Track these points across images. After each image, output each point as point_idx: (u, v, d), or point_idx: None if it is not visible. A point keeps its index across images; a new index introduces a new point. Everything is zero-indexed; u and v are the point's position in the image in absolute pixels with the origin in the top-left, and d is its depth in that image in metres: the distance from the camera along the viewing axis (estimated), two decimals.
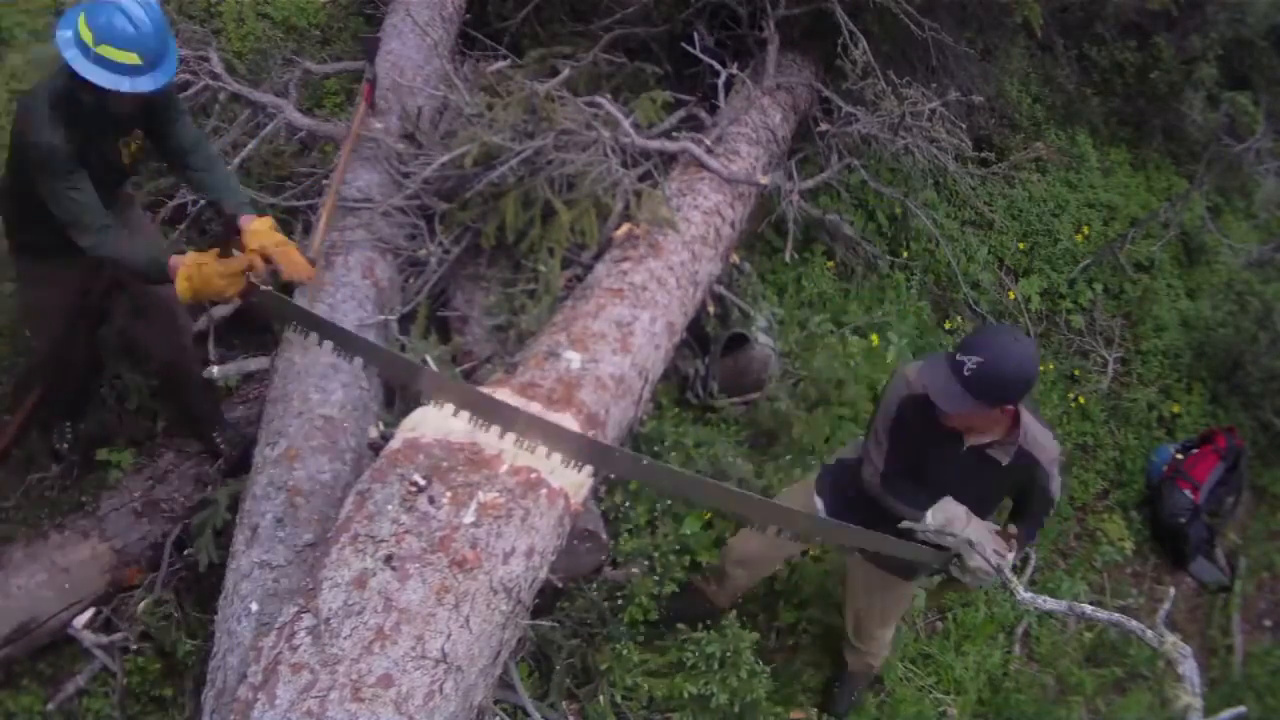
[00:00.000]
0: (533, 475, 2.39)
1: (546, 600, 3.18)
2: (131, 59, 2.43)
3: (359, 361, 2.78)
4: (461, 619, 2.13)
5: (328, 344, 2.71)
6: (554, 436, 2.47)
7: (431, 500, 2.27)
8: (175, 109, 2.79)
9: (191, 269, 2.53)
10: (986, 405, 2.46)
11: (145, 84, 2.47)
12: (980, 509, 2.70)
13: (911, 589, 3.25)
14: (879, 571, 3.06)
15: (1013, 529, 2.72)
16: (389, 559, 2.15)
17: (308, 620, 2.07)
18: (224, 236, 2.59)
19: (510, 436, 2.44)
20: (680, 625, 3.23)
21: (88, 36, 2.41)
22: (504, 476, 2.37)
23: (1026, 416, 2.59)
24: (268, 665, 2.02)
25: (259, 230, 2.66)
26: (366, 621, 2.05)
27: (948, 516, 2.65)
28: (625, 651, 3.14)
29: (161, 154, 2.87)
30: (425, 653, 2.05)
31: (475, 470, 2.36)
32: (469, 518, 2.25)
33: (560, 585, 3.02)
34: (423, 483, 2.30)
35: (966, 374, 2.39)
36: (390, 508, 2.26)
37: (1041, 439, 2.63)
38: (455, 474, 2.34)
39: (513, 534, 2.29)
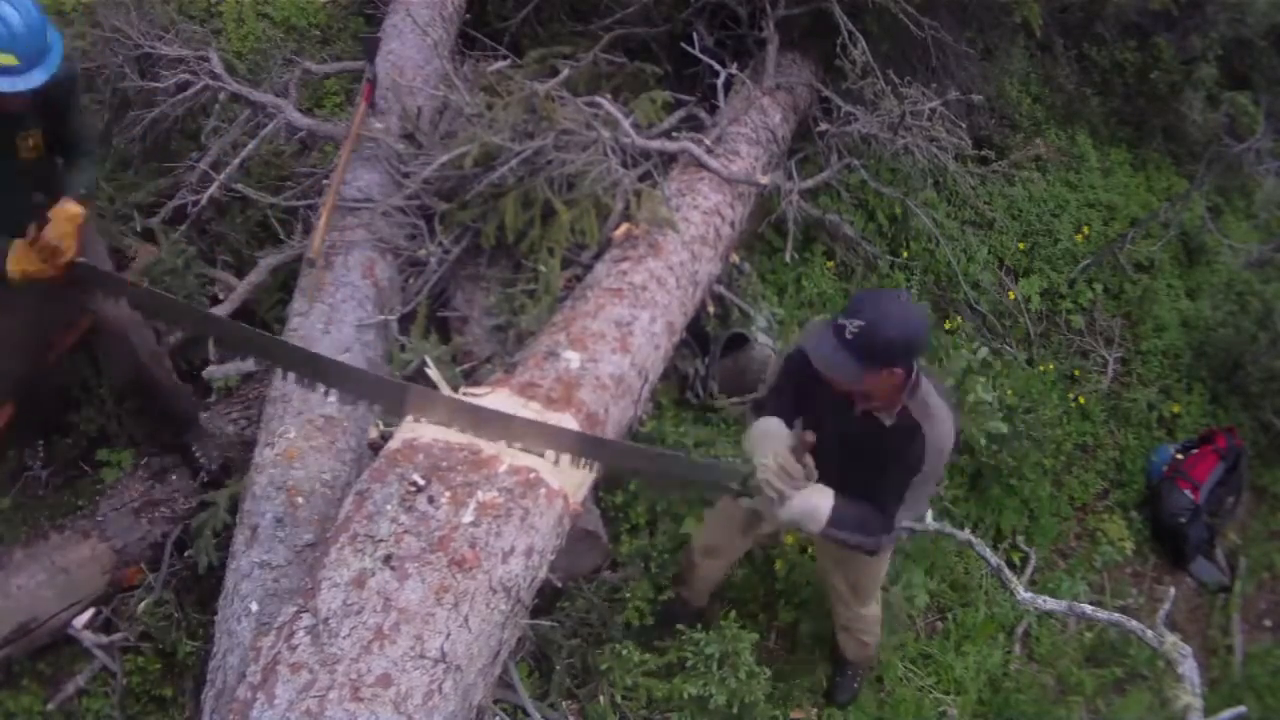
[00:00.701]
0: (531, 475, 2.39)
1: (546, 600, 3.19)
2: (9, 60, 2.48)
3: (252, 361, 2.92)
4: (460, 618, 2.13)
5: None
6: (550, 438, 2.47)
7: (430, 500, 2.27)
8: (72, 104, 2.84)
9: (14, 253, 2.68)
10: (868, 368, 2.37)
11: (23, 83, 2.52)
12: (866, 476, 2.54)
13: (878, 561, 3.12)
14: (833, 545, 2.90)
15: (810, 436, 2.50)
16: (388, 559, 2.16)
17: (307, 620, 2.07)
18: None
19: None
20: (679, 626, 3.23)
21: None
22: (503, 476, 2.37)
23: (926, 385, 2.50)
24: (267, 665, 2.02)
25: (61, 215, 2.72)
26: (365, 621, 2.05)
27: (762, 430, 2.55)
28: (625, 651, 3.14)
29: (58, 149, 2.90)
30: (424, 652, 2.05)
31: (474, 470, 2.36)
32: (468, 517, 2.26)
33: (560, 585, 3.02)
34: (422, 482, 2.30)
35: (848, 337, 2.33)
36: (389, 507, 2.26)
37: (934, 415, 2.49)
38: (454, 474, 2.34)
39: (512, 533, 2.29)
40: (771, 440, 2.52)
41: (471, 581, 2.17)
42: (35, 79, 2.53)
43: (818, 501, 2.50)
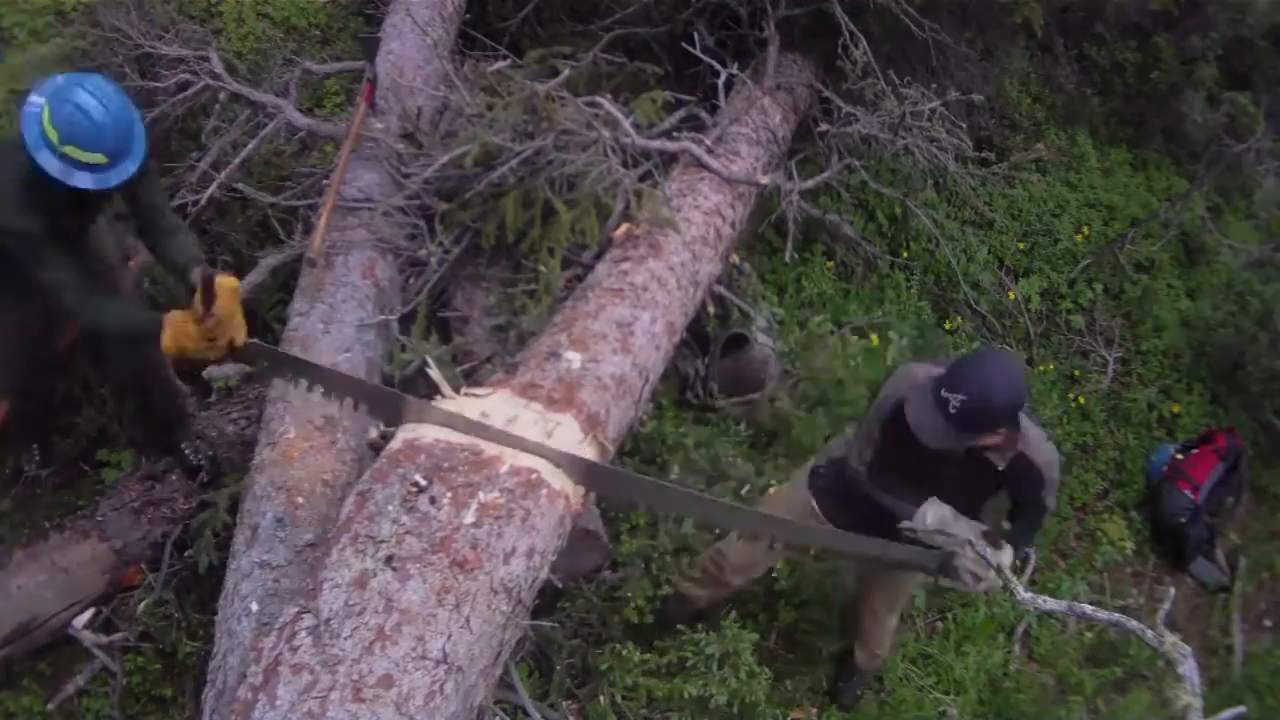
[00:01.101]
0: (533, 476, 2.39)
1: (546, 600, 3.18)
2: (98, 159, 2.42)
3: (349, 403, 2.70)
4: (462, 619, 2.13)
5: (318, 387, 2.66)
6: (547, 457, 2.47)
7: (432, 501, 2.27)
8: (148, 178, 2.74)
9: (177, 328, 2.49)
10: (976, 435, 2.46)
11: (112, 179, 2.47)
12: (971, 512, 2.68)
13: (909, 580, 3.25)
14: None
15: (1006, 527, 2.71)
16: (389, 559, 2.15)
17: (308, 621, 2.07)
18: (193, 298, 2.49)
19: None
20: (680, 626, 3.23)
21: (53, 136, 2.38)
22: (504, 477, 2.36)
23: (1026, 422, 2.57)
24: (268, 666, 2.02)
25: (226, 288, 2.53)
26: (367, 622, 2.05)
27: (940, 516, 2.64)
28: (625, 651, 3.14)
29: (132, 214, 2.84)
30: (426, 653, 2.04)
31: (476, 471, 2.36)
32: (469, 518, 2.25)
33: (560, 585, 3.02)
34: (423, 483, 2.30)
35: (952, 411, 2.38)
36: (391, 508, 2.25)
37: (1040, 445, 2.60)
38: (456, 474, 2.34)
39: (513, 534, 2.29)
40: (962, 529, 2.64)
41: (473, 582, 2.17)
42: (122, 175, 2.48)
43: (1004, 563, 2.66)
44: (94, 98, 2.39)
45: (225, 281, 2.50)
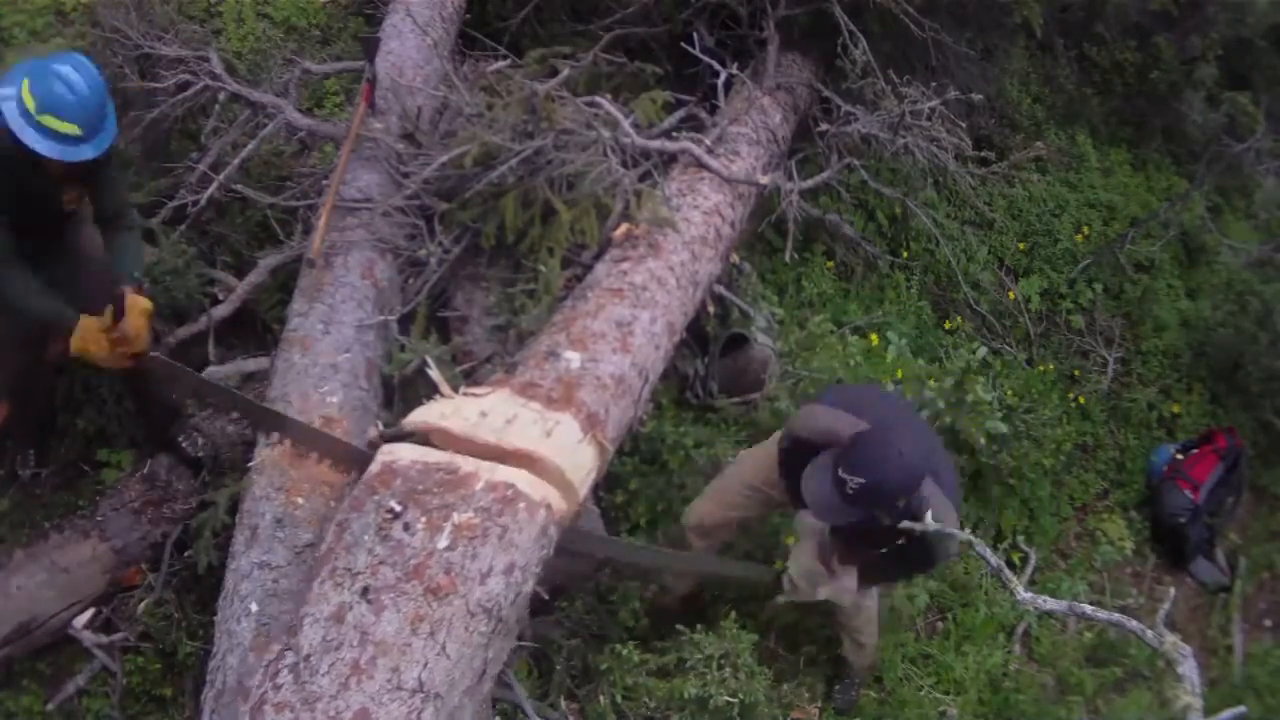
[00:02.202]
0: (509, 491, 2.38)
1: (547, 601, 3.18)
2: (72, 129, 2.49)
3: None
4: (438, 646, 2.12)
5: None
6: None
7: (406, 527, 2.27)
8: (111, 170, 2.83)
9: (86, 331, 2.65)
10: (870, 513, 2.54)
11: (84, 153, 2.54)
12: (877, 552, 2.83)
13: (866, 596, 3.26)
14: None
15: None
16: (365, 591, 2.16)
17: (290, 658, 2.08)
18: (110, 303, 2.66)
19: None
20: (680, 626, 3.23)
21: (30, 103, 2.46)
22: (480, 494, 2.35)
23: (929, 487, 2.58)
24: (254, 705, 2.03)
25: (136, 308, 2.70)
26: (344, 657, 2.06)
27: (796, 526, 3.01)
28: (625, 651, 3.14)
29: (95, 206, 2.91)
30: (401, 684, 2.05)
31: (451, 491, 2.34)
32: (443, 542, 2.25)
33: (562, 585, 3.03)
34: (398, 509, 2.29)
35: (849, 492, 2.49)
36: (367, 537, 2.26)
37: (937, 505, 2.56)
38: (430, 496, 2.33)
39: (490, 554, 2.27)
40: (802, 539, 2.88)
41: (448, 608, 2.16)
42: (93, 150, 2.54)
43: (846, 585, 2.94)
44: (76, 71, 2.49)
45: (137, 302, 2.69)
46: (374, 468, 2.43)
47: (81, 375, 3.42)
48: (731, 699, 2.97)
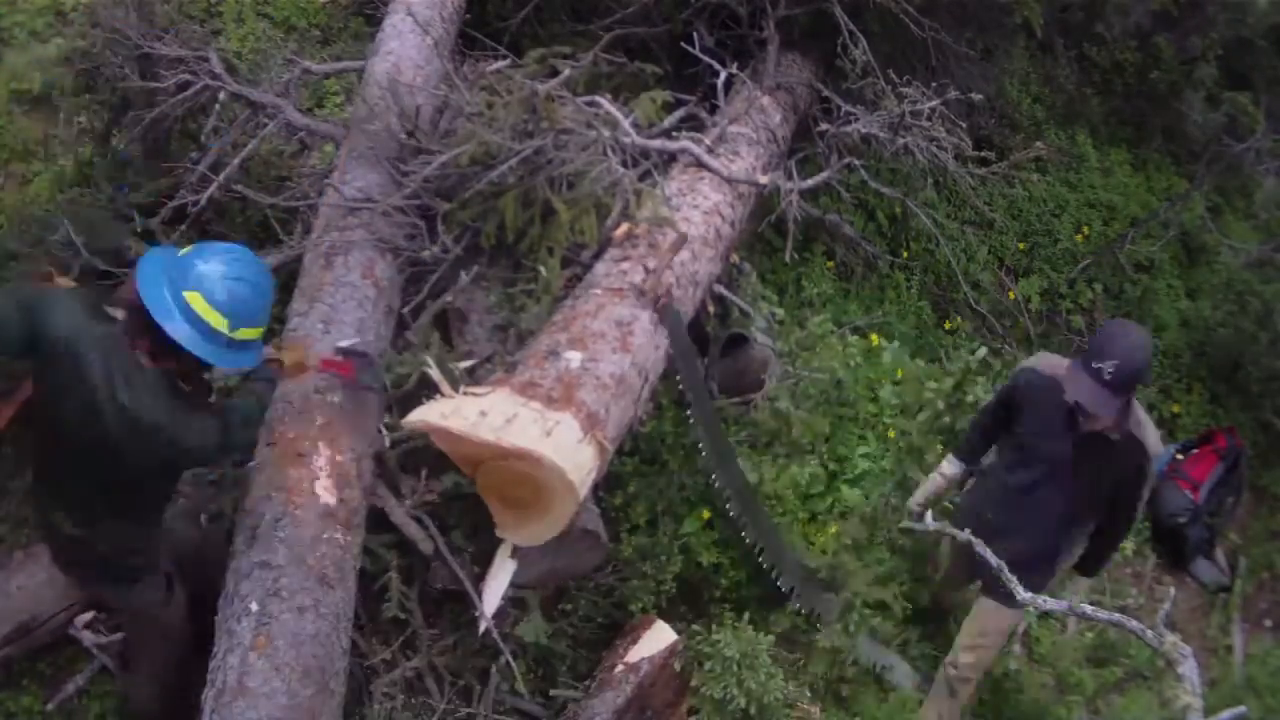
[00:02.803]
0: None
1: (546, 600, 3.18)
2: (219, 323, 2.29)
3: None
4: None
5: None
6: None
7: None
8: None
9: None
10: (1124, 399, 2.79)
11: (228, 362, 2.38)
12: (1090, 492, 2.98)
13: (1001, 615, 3.30)
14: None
15: None
16: None
17: None
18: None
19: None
20: (695, 627, 3.24)
21: (221, 323, 2.27)
22: None
23: (1134, 403, 2.88)
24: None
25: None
26: None
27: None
28: None
29: None
30: None
31: None
32: None
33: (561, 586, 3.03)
34: None
35: (1108, 378, 2.70)
36: None
37: (1146, 425, 2.90)
38: None
39: None
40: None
41: None
42: (229, 360, 2.35)
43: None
44: (240, 264, 2.36)
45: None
46: None
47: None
48: (749, 700, 2.99)
